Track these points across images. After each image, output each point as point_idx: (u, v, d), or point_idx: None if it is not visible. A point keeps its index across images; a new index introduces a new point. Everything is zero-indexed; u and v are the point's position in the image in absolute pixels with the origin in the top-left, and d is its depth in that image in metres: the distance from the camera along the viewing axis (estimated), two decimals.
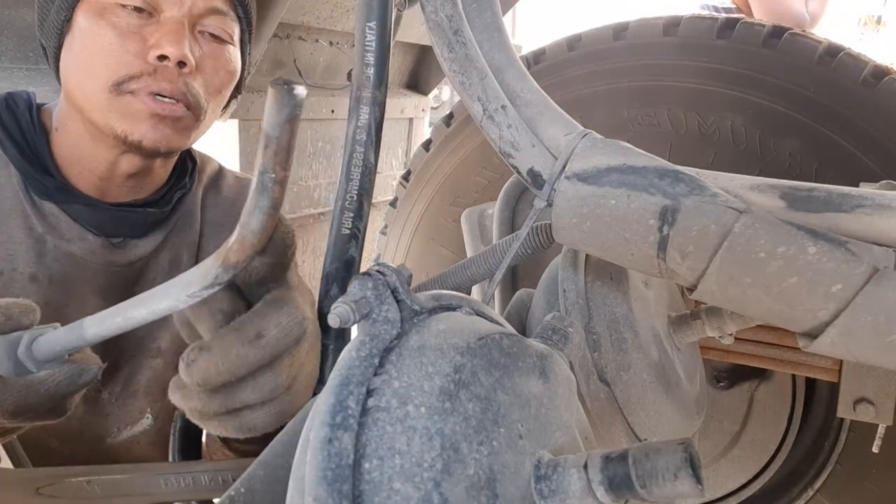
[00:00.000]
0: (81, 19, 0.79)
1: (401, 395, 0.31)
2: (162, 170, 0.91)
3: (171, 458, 0.59)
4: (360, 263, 0.51)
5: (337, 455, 0.29)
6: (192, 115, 0.83)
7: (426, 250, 1.48)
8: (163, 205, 0.91)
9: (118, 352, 0.88)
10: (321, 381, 0.53)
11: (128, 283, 0.89)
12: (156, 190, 0.92)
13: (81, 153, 0.84)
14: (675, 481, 0.30)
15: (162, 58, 0.78)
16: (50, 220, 0.83)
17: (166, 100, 0.80)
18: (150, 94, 0.78)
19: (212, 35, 0.83)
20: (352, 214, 0.50)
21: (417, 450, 0.29)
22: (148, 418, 0.93)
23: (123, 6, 0.78)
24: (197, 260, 0.95)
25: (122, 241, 0.88)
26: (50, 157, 0.84)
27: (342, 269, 0.49)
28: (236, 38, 0.87)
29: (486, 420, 0.32)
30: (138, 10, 0.78)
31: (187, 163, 0.98)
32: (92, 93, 0.79)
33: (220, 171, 1.05)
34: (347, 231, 0.50)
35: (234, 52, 0.87)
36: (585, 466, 0.32)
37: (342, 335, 0.50)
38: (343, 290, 0.49)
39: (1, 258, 0.80)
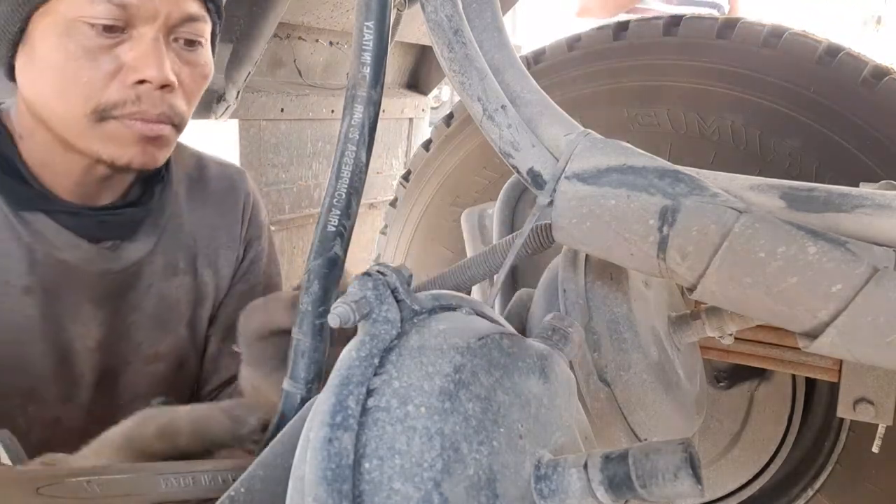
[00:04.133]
0: (43, 35, 0.71)
1: (401, 395, 0.31)
2: None
3: None
4: (344, 262, 0.51)
5: (337, 455, 0.29)
6: (177, 130, 0.80)
7: (426, 250, 1.48)
8: (145, 201, 0.87)
9: (115, 361, 0.86)
10: (320, 380, 0.53)
11: (122, 290, 0.85)
12: (131, 185, 0.86)
13: (53, 160, 0.79)
14: (675, 481, 0.30)
15: (142, 81, 0.73)
16: (36, 228, 0.79)
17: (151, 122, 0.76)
18: (134, 117, 0.74)
19: (185, 42, 0.77)
20: (339, 212, 0.49)
21: (417, 450, 0.29)
22: None
23: (92, 25, 0.70)
24: (195, 266, 0.92)
25: (112, 245, 0.84)
26: (23, 165, 0.78)
27: (325, 266, 0.49)
28: (208, 38, 0.82)
29: (486, 420, 0.32)
30: (108, 27, 0.71)
31: None
32: (68, 118, 0.74)
33: (201, 162, 0.98)
34: (333, 229, 0.49)
35: (207, 52, 0.83)
36: (585, 466, 0.32)
37: (320, 333, 0.49)
38: (324, 288, 0.49)
39: None
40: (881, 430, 1.00)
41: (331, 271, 0.49)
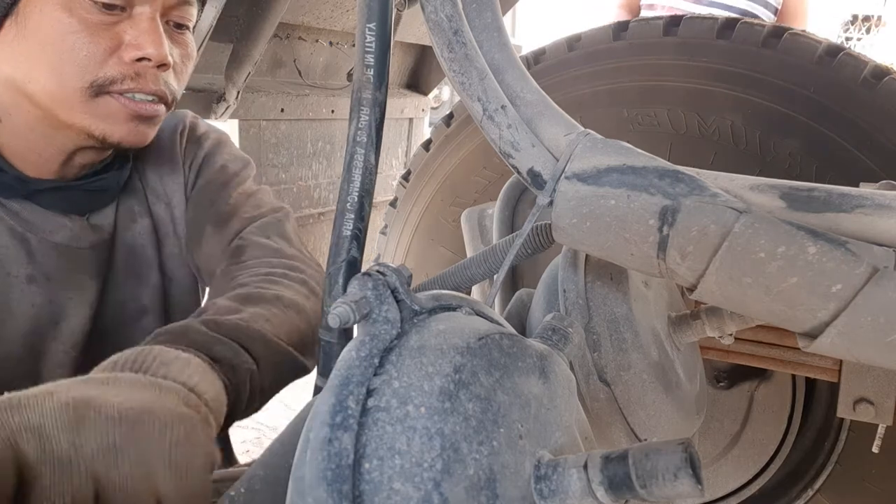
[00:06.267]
0: (40, 8, 0.71)
1: (401, 395, 0.31)
2: None
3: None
4: (361, 263, 0.52)
5: (337, 455, 0.29)
6: (167, 108, 0.81)
7: (426, 250, 1.48)
8: (122, 163, 0.86)
9: (103, 322, 0.85)
10: (324, 377, 0.53)
11: (108, 256, 0.86)
12: (108, 153, 0.86)
13: (35, 142, 0.78)
14: (675, 481, 0.30)
15: (141, 59, 0.74)
16: (24, 216, 0.78)
17: (147, 99, 0.77)
18: (130, 94, 0.75)
19: (175, 24, 0.80)
20: (353, 216, 0.50)
21: (417, 450, 0.29)
22: None
23: (94, 1, 0.71)
24: (147, 205, 0.91)
25: (88, 216, 0.84)
26: None
27: (344, 270, 0.50)
28: (194, 22, 0.84)
29: (486, 420, 0.32)
30: (108, 4, 0.72)
31: None
32: (61, 93, 0.73)
33: None
34: (349, 232, 0.50)
35: (192, 35, 0.85)
36: (585, 466, 0.32)
37: (345, 334, 0.50)
38: (346, 291, 0.49)
39: None
40: (881, 430, 1.00)
41: (350, 274, 0.50)
